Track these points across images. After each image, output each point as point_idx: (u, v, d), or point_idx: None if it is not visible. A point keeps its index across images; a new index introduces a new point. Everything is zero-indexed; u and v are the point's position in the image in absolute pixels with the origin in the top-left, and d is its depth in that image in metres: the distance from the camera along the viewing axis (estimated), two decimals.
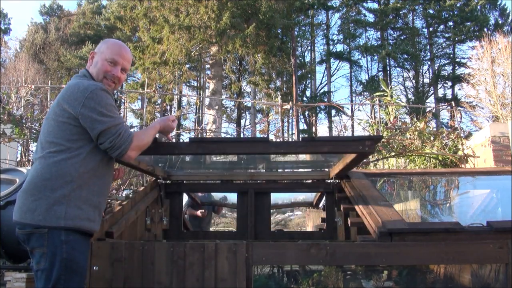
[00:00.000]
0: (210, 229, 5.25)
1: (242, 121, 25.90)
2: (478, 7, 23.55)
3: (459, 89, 23.39)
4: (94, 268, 2.11)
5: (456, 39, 23.75)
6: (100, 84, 1.89)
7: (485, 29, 21.68)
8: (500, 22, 24.21)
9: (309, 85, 26.23)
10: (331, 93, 24.92)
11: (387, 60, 24.82)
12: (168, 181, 3.57)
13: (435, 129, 9.86)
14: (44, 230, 1.72)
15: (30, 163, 6.70)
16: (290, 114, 20.18)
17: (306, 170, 4.04)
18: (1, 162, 6.03)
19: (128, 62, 2.04)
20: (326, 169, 3.61)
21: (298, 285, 2.60)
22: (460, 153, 5.83)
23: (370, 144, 2.15)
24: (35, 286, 1.77)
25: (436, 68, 25.26)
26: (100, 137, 1.81)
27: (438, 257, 2.12)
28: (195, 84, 25.92)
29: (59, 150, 1.79)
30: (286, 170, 4.15)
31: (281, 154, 2.67)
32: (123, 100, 14.60)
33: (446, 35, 25.14)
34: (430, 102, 24.94)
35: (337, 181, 3.37)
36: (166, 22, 14.41)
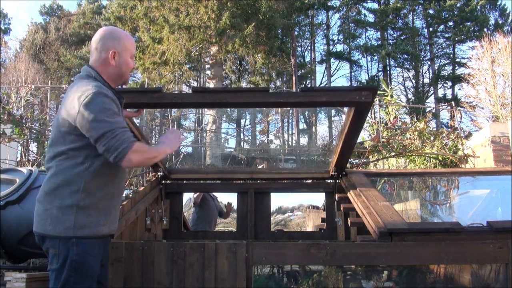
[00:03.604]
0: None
1: (242, 121, 25.89)
2: (478, 7, 23.54)
3: (459, 89, 23.41)
4: None
5: (456, 39, 23.75)
6: (98, 88, 1.78)
7: (485, 29, 21.68)
8: (500, 22, 24.21)
9: (309, 85, 26.21)
10: None
11: (387, 60, 24.82)
12: (168, 181, 3.57)
13: (435, 129, 9.86)
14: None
15: (30, 163, 6.70)
16: (290, 114, 20.19)
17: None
18: (1, 162, 6.03)
19: None
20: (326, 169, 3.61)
21: (298, 285, 2.60)
22: (460, 153, 5.84)
23: (366, 94, 2.14)
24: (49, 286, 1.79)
25: (436, 68, 25.26)
26: (97, 143, 1.72)
27: (438, 257, 2.12)
28: (195, 84, 25.91)
29: (65, 159, 1.77)
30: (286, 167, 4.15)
31: (280, 107, 2.57)
32: None
33: (446, 35, 25.14)
34: (430, 102, 24.96)
35: (337, 181, 3.37)
36: (166, 22, 14.41)
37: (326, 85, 23.99)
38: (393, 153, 6.02)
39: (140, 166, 1.74)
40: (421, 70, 25.97)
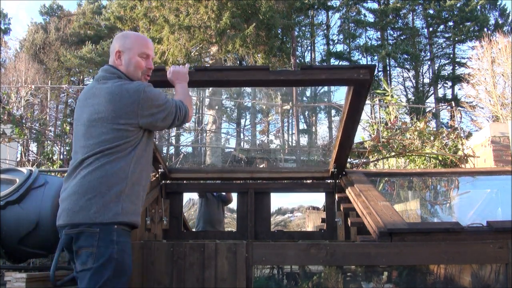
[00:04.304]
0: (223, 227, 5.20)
1: (242, 121, 25.89)
2: (478, 7, 23.54)
3: (459, 89, 23.40)
4: None
5: (456, 39, 23.75)
6: (141, 82, 1.94)
7: (485, 29, 21.68)
8: (500, 22, 24.21)
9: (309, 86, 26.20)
10: (331, 93, 24.92)
11: (387, 60, 24.82)
12: (168, 181, 3.56)
13: (435, 129, 9.86)
14: (96, 229, 1.72)
15: (30, 163, 6.70)
16: (290, 114, 20.18)
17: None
18: (1, 162, 6.03)
19: (153, 50, 2.09)
20: (326, 169, 3.60)
21: (298, 287, 2.60)
22: (460, 153, 5.84)
23: (364, 72, 2.18)
24: (78, 287, 1.76)
25: (436, 68, 25.26)
26: (165, 121, 1.94)
27: (438, 257, 2.12)
28: None
29: (113, 152, 1.82)
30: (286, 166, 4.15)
31: (280, 85, 2.57)
32: None
33: (446, 35, 25.14)
34: (430, 102, 24.95)
35: (337, 180, 3.37)
36: (166, 22, 14.41)
37: (326, 97, 24.00)
38: (393, 153, 6.02)
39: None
40: (421, 70, 25.98)
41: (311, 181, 3.71)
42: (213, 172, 3.97)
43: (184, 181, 3.67)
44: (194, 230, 4.99)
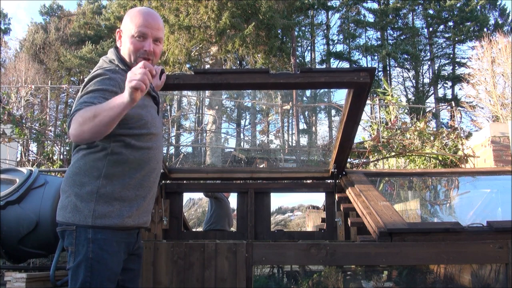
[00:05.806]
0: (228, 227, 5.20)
1: (242, 121, 25.92)
2: (478, 7, 23.57)
3: (459, 89, 23.41)
4: None
5: (456, 39, 23.77)
6: (106, 73, 1.64)
7: (485, 29, 21.71)
8: (500, 22, 24.23)
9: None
10: (331, 93, 24.92)
11: (387, 60, 24.84)
12: (168, 181, 3.57)
13: (435, 129, 9.86)
14: (73, 227, 1.62)
15: (30, 163, 6.70)
16: (290, 114, 20.18)
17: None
18: (1, 162, 6.03)
19: (158, 30, 1.77)
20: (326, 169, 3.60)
21: (298, 285, 2.60)
22: (460, 153, 5.84)
23: (364, 75, 2.16)
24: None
25: (436, 68, 25.28)
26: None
27: (438, 257, 2.12)
28: None
29: (87, 147, 1.68)
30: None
31: (280, 88, 2.52)
32: None
33: (446, 35, 25.16)
34: (430, 102, 24.98)
35: (337, 180, 3.37)
36: (166, 22, 14.40)
37: (326, 97, 23.99)
38: (393, 153, 6.02)
39: (86, 136, 1.47)
40: (421, 70, 26.00)
41: (311, 181, 3.72)
42: (213, 172, 3.98)
43: (184, 181, 3.68)
44: (202, 229, 5.01)
